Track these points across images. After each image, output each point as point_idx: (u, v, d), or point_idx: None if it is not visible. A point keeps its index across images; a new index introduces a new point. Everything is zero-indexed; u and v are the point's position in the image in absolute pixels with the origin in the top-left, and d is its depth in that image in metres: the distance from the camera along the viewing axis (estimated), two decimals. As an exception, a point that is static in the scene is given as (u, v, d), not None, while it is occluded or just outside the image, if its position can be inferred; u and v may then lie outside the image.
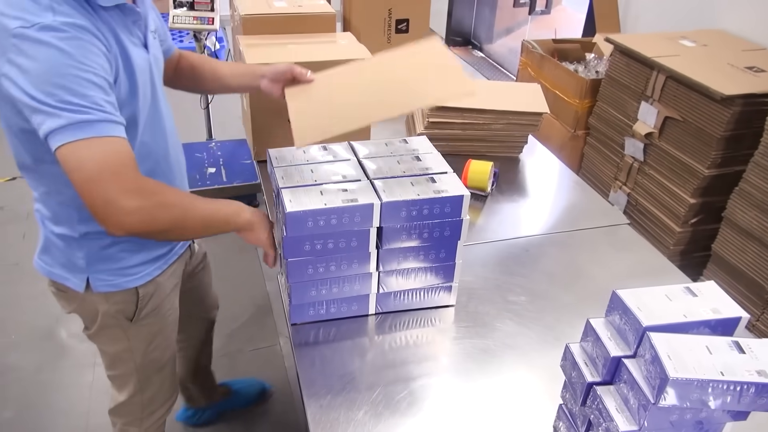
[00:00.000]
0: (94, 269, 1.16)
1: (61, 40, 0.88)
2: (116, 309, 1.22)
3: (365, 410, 1.05)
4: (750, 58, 2.25)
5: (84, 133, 0.89)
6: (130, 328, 1.26)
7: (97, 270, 1.16)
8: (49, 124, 0.88)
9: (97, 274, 1.16)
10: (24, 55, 0.87)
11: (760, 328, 1.98)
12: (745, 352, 0.78)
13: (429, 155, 1.26)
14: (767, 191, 1.90)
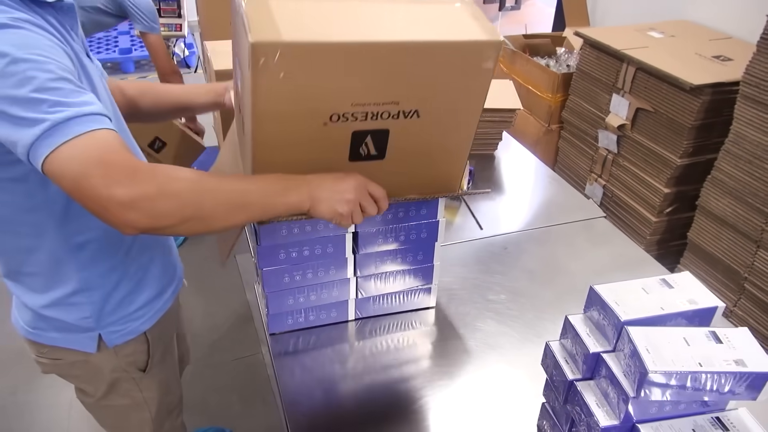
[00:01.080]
0: (105, 325, 1.06)
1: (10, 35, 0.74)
2: (127, 362, 1.13)
3: (349, 417, 1.03)
4: (717, 47, 2.28)
5: (60, 138, 0.74)
6: (143, 380, 1.18)
7: (108, 324, 1.06)
8: (21, 139, 0.74)
9: (108, 328, 1.06)
10: None
11: (738, 314, 2.01)
12: (723, 342, 0.78)
13: None
14: (739, 179, 1.92)
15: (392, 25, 0.89)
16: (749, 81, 1.85)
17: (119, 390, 1.18)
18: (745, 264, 1.95)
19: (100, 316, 1.05)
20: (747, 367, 0.74)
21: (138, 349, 1.14)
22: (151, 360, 1.17)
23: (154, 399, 1.25)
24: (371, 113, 0.91)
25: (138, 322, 1.11)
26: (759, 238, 1.88)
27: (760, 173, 1.85)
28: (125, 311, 1.08)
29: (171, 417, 1.34)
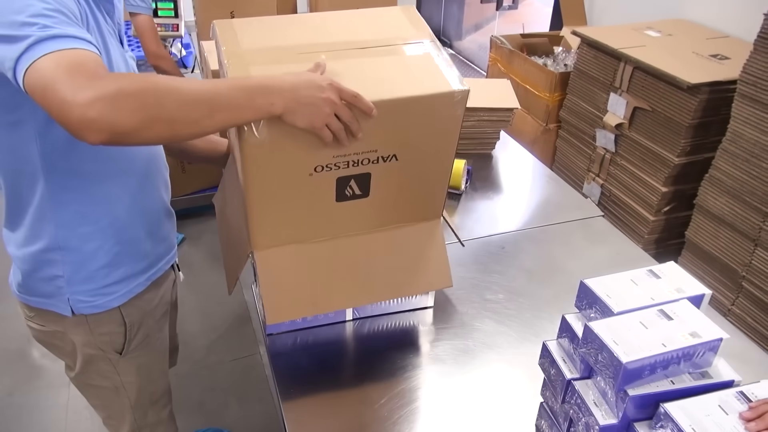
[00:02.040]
0: (73, 290, 1.08)
1: None
2: (102, 341, 1.15)
3: (346, 418, 1.03)
4: (714, 46, 2.28)
5: (42, 50, 0.76)
6: (120, 363, 1.20)
7: (77, 291, 1.09)
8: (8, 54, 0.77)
9: (77, 296, 1.09)
10: None
11: (736, 312, 2.01)
12: (673, 318, 0.81)
13: None
14: (736, 177, 1.93)
15: (366, 83, 0.93)
16: (746, 80, 1.85)
17: (97, 369, 1.20)
18: (742, 262, 1.95)
19: (71, 279, 1.08)
20: (701, 338, 0.78)
21: (114, 330, 1.15)
22: (128, 343, 1.18)
23: (132, 384, 1.25)
24: (352, 161, 0.99)
25: (108, 298, 1.12)
26: (757, 236, 1.88)
27: (757, 172, 1.85)
28: (97, 283, 1.10)
29: (156, 407, 1.33)
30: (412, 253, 1.16)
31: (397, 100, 0.94)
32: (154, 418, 1.34)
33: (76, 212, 1.03)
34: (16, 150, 0.96)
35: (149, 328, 1.22)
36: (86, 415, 2.06)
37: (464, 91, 0.97)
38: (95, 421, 2.02)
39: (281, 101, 0.85)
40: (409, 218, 1.14)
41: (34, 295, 1.11)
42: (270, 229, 1.05)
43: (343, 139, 0.93)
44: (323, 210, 1.04)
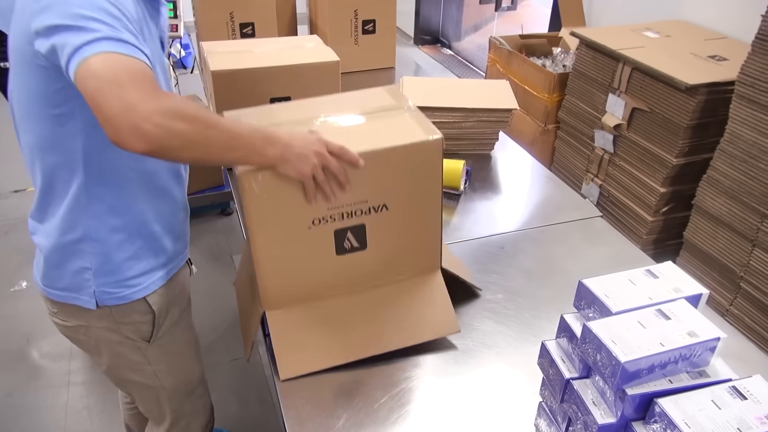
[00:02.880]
0: (99, 282, 1.11)
1: None
2: (129, 330, 1.17)
3: (345, 418, 1.03)
4: (712, 47, 2.29)
5: (107, 48, 0.81)
6: (149, 350, 1.22)
7: (103, 283, 1.11)
8: (71, 41, 0.81)
9: (103, 287, 1.11)
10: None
11: (734, 313, 2.01)
12: (671, 318, 0.81)
13: None
14: (734, 178, 1.93)
15: (351, 139, 1.04)
16: (744, 81, 1.85)
17: (127, 362, 1.22)
18: (740, 263, 1.96)
19: (98, 271, 1.10)
20: (699, 337, 0.78)
21: (140, 319, 1.17)
22: (156, 330, 1.20)
23: (165, 372, 1.26)
24: (346, 213, 1.08)
25: (132, 290, 1.14)
26: (755, 237, 1.89)
27: (755, 172, 1.86)
28: (122, 275, 1.13)
29: (192, 397, 1.35)
30: (417, 304, 1.20)
31: (379, 151, 1.05)
32: (190, 408, 1.35)
33: (108, 205, 1.07)
34: (59, 143, 0.99)
35: (175, 317, 1.24)
36: (85, 415, 2.06)
37: (438, 140, 1.07)
38: (94, 422, 2.03)
39: (280, 151, 0.96)
40: (409, 272, 1.20)
41: (59, 289, 1.13)
42: (278, 287, 1.13)
43: (328, 192, 1.02)
44: (326, 265, 1.12)
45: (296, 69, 1.74)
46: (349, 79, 2.40)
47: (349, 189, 1.04)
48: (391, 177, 1.08)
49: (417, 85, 1.94)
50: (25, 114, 1.01)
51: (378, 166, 1.06)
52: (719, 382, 0.79)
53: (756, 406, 0.74)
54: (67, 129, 0.98)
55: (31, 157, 1.05)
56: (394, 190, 1.10)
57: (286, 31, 2.75)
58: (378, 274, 1.17)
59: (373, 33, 2.60)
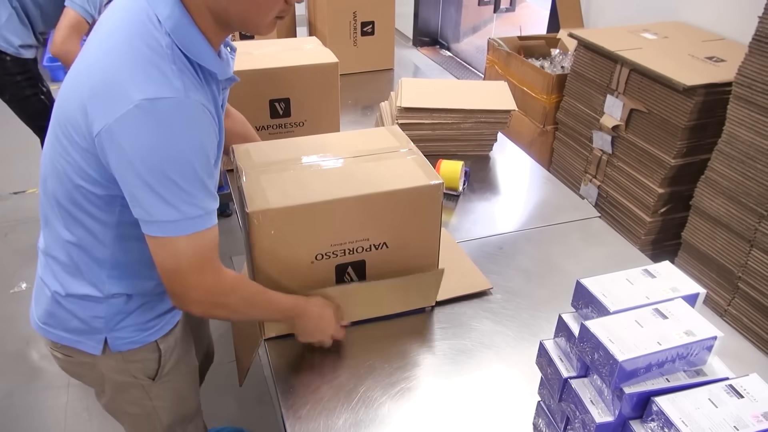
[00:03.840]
0: (114, 328, 1.07)
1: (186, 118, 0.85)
2: (136, 368, 1.14)
3: (345, 418, 1.04)
4: (710, 48, 2.30)
5: (186, 231, 0.88)
6: (152, 388, 1.19)
7: (116, 329, 1.08)
8: (153, 210, 0.86)
9: (115, 333, 1.08)
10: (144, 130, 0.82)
11: (732, 313, 2.02)
12: (668, 317, 0.82)
13: None
14: (732, 178, 1.94)
15: (355, 182, 1.11)
16: (742, 82, 1.86)
17: (128, 397, 1.19)
18: (738, 263, 1.97)
19: (110, 320, 1.07)
20: (696, 336, 0.79)
21: (148, 356, 1.15)
22: (162, 369, 1.17)
23: (164, 408, 1.25)
24: (348, 249, 1.13)
25: (146, 333, 1.12)
26: (752, 237, 1.90)
27: (752, 173, 1.87)
28: (136, 320, 1.09)
29: (184, 424, 1.33)
30: None
31: (382, 194, 1.10)
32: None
33: (128, 271, 1.05)
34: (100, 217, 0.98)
35: (181, 354, 1.22)
36: (85, 417, 2.06)
37: (438, 185, 1.13)
38: (94, 423, 2.03)
39: (305, 325, 1.11)
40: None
41: (63, 330, 1.08)
42: None
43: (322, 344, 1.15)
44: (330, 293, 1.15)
45: (295, 71, 1.75)
46: (348, 81, 2.40)
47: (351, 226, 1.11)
48: (393, 217, 1.13)
49: (416, 87, 1.95)
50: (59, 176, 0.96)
51: (380, 208, 1.11)
52: (716, 381, 0.80)
53: (752, 405, 0.75)
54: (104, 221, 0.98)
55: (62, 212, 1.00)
56: (394, 230, 1.14)
57: (285, 33, 2.76)
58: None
59: (372, 35, 2.61)
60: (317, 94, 1.79)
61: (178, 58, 0.87)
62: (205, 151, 0.88)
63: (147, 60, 0.84)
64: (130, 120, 0.81)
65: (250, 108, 1.73)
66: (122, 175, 0.86)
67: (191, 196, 0.87)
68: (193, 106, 0.86)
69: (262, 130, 1.79)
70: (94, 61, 0.88)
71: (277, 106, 1.77)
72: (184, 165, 0.85)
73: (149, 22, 0.86)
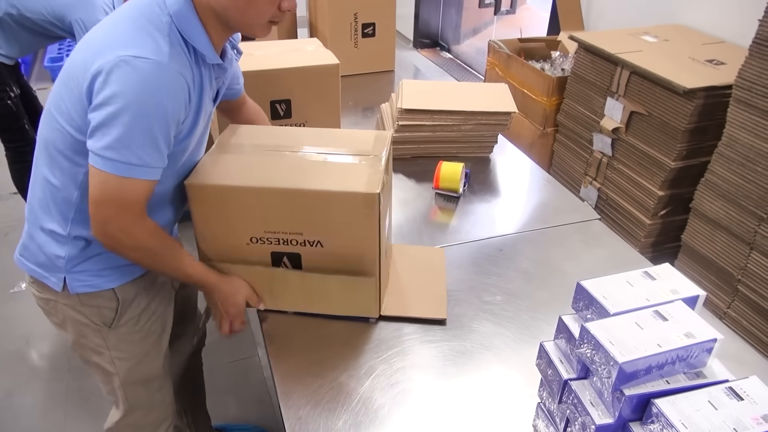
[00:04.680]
0: (72, 270, 1.15)
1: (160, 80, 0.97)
2: (92, 312, 1.20)
3: (345, 419, 1.04)
4: (710, 51, 2.30)
5: (119, 172, 0.98)
6: (109, 336, 1.24)
7: (75, 271, 1.16)
8: (100, 145, 0.97)
9: (74, 275, 1.16)
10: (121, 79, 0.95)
11: (732, 316, 2.02)
12: (668, 319, 0.82)
13: None
14: (732, 181, 1.94)
15: (297, 176, 1.13)
16: (742, 85, 1.86)
17: (88, 342, 1.25)
18: (738, 266, 1.97)
19: (70, 261, 1.15)
20: (696, 338, 0.79)
21: (104, 304, 1.20)
22: (118, 317, 1.22)
23: (122, 361, 1.27)
24: (282, 239, 1.15)
25: (102, 279, 1.18)
26: (752, 240, 1.90)
27: (752, 176, 1.87)
28: (93, 266, 1.17)
29: (148, 388, 1.34)
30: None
31: (310, 192, 1.10)
32: (146, 399, 1.35)
33: None
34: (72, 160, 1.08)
35: (142, 306, 1.25)
36: (84, 417, 2.06)
37: (371, 195, 1.08)
38: (94, 423, 2.03)
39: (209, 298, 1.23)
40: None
41: (33, 263, 1.19)
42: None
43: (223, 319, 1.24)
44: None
45: (296, 72, 1.75)
46: (348, 82, 2.40)
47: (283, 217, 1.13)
48: (325, 218, 1.12)
49: (416, 89, 1.95)
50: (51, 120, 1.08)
51: (311, 205, 1.11)
52: (716, 383, 0.80)
53: (752, 407, 0.75)
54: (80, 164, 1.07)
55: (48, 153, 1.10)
56: (328, 231, 1.14)
57: (286, 34, 2.76)
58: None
59: (373, 36, 2.61)
60: (318, 95, 1.80)
61: (173, 34, 1.02)
62: (167, 115, 0.99)
63: (143, 29, 1.00)
64: (113, 68, 0.95)
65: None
66: (92, 110, 0.98)
67: (138, 147, 0.98)
68: (171, 71, 0.99)
69: (262, 131, 1.79)
70: (105, 29, 1.04)
71: (278, 107, 1.78)
72: (143, 119, 0.96)
73: (156, 5, 1.03)
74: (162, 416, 1.40)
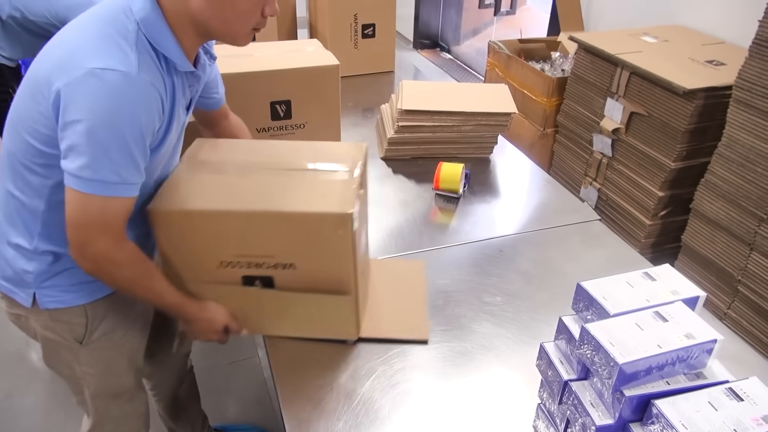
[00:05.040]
0: (41, 285, 1.12)
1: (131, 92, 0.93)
2: (63, 329, 1.17)
3: (345, 420, 1.04)
4: (710, 52, 2.30)
5: (99, 192, 0.95)
6: (80, 353, 1.21)
7: (44, 286, 1.12)
8: (76, 165, 0.93)
9: (44, 290, 1.12)
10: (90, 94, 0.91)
11: (732, 316, 2.02)
12: (668, 320, 0.82)
13: None
14: (732, 182, 1.94)
15: (266, 195, 1.08)
16: (742, 85, 1.86)
17: (59, 356, 1.23)
18: (738, 266, 1.97)
19: (38, 276, 1.11)
20: (696, 339, 0.79)
21: (74, 320, 1.17)
22: (89, 334, 1.19)
23: (92, 377, 1.25)
24: (253, 263, 1.09)
25: (72, 295, 1.15)
26: (752, 240, 1.90)
27: (752, 176, 1.87)
28: (62, 281, 1.13)
29: (117, 401, 1.32)
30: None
31: (280, 213, 1.05)
32: (117, 412, 1.33)
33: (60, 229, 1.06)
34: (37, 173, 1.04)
35: (115, 323, 1.22)
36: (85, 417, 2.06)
37: (344, 215, 1.02)
38: (94, 424, 2.03)
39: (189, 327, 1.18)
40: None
41: (3, 279, 1.14)
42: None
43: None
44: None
45: (296, 73, 1.75)
46: (348, 83, 2.40)
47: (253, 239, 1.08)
48: (295, 239, 1.06)
49: (416, 89, 1.95)
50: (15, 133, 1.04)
51: (278, 227, 1.05)
52: (716, 384, 0.80)
53: (752, 408, 0.75)
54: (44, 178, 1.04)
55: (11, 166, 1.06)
56: (300, 253, 1.08)
57: (286, 35, 2.76)
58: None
59: (373, 37, 2.61)
60: (318, 96, 1.80)
61: (141, 42, 0.97)
62: (141, 128, 0.95)
63: (110, 38, 0.95)
64: (79, 84, 0.91)
65: (251, 109, 1.74)
66: (63, 129, 0.94)
67: (115, 164, 0.94)
68: (141, 82, 0.94)
69: (263, 132, 1.79)
70: (69, 37, 1.00)
71: (278, 108, 1.78)
72: (117, 134, 0.93)
73: (120, 11, 0.99)
74: (134, 428, 1.39)
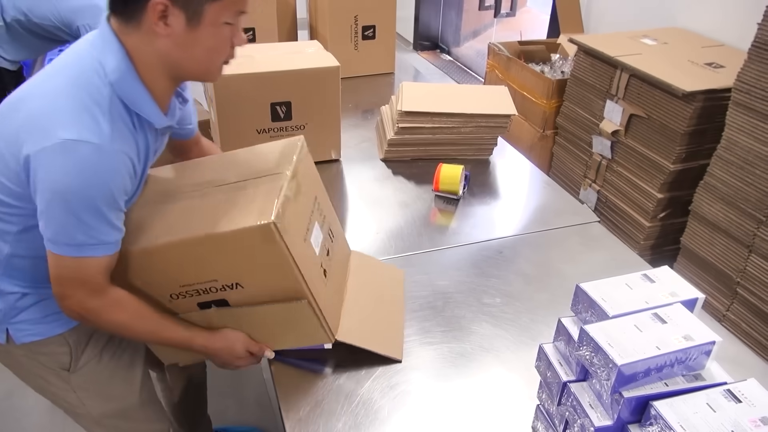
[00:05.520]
0: (12, 321, 1.10)
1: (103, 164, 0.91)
2: (47, 360, 1.15)
3: (345, 420, 1.04)
4: (709, 54, 2.31)
5: (72, 254, 0.95)
6: (71, 379, 1.18)
7: (15, 321, 1.10)
8: (51, 230, 0.94)
9: (16, 325, 1.10)
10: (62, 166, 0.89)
11: (731, 318, 2.03)
12: (667, 322, 0.83)
13: None
14: (731, 184, 1.95)
15: (188, 221, 1.03)
16: (741, 88, 1.87)
17: (51, 385, 1.20)
18: (737, 269, 1.97)
19: (7, 313, 1.10)
20: (695, 341, 0.80)
21: (56, 350, 1.15)
22: (75, 361, 1.17)
23: (91, 399, 1.22)
24: (201, 289, 1.05)
25: (47, 326, 1.12)
26: (751, 242, 1.90)
27: (751, 179, 1.87)
28: (32, 315, 1.11)
29: (131, 423, 1.30)
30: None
31: (201, 238, 0.99)
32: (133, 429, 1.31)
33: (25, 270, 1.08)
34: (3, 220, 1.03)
35: (102, 346, 1.20)
36: (84, 418, 2.06)
37: (264, 225, 0.95)
38: (93, 424, 2.03)
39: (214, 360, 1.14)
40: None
41: None
42: None
43: None
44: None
45: (297, 74, 1.75)
46: (348, 84, 2.41)
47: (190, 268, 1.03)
48: (229, 260, 1.01)
49: (416, 91, 1.96)
50: None
51: (209, 251, 1.00)
52: (714, 386, 0.80)
53: (750, 409, 0.75)
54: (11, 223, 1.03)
55: None
56: (240, 272, 1.02)
57: (286, 37, 2.77)
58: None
59: (373, 38, 2.62)
60: (318, 97, 1.80)
61: (114, 106, 0.95)
62: (113, 194, 0.94)
63: (83, 106, 0.91)
64: (51, 154, 0.89)
65: (251, 111, 1.74)
66: (35, 192, 0.94)
67: (89, 228, 0.93)
68: (114, 154, 0.93)
69: (263, 133, 1.80)
70: (38, 94, 0.96)
71: (278, 110, 1.78)
72: (89, 203, 0.92)
73: (93, 72, 0.94)
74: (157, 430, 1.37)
